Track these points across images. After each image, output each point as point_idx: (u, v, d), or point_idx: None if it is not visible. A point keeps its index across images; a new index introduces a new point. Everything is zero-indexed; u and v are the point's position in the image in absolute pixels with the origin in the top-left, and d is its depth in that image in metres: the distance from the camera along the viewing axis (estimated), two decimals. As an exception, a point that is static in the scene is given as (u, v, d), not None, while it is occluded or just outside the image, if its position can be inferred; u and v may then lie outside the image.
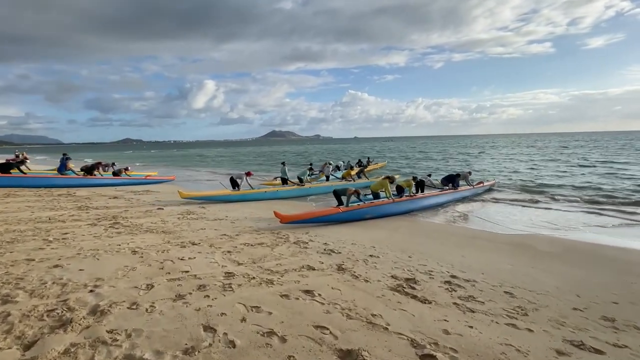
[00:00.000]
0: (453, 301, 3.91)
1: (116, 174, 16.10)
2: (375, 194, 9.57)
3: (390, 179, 9.64)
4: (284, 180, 13.02)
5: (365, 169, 15.70)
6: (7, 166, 13.64)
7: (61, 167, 15.17)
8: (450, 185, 11.30)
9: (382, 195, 9.69)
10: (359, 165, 18.91)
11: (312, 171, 14.40)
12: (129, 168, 16.90)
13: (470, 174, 12.10)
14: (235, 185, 11.68)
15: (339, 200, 9.03)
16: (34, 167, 16.76)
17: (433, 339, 3.04)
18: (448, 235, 7.37)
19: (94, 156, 45.19)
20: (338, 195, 9.10)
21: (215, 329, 2.99)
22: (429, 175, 11.99)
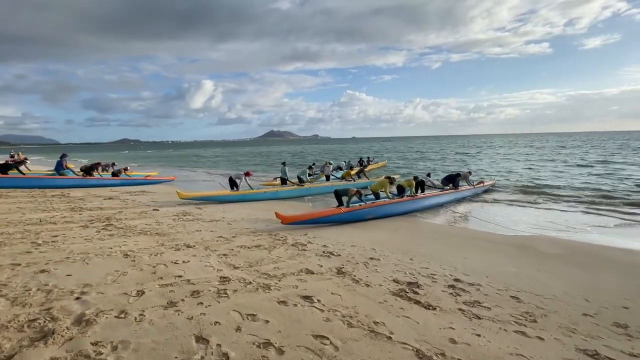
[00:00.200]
0: (458, 307, 3.75)
1: (115, 174, 15.87)
2: (376, 194, 9.42)
3: (390, 179, 9.51)
4: (284, 181, 12.90)
5: (365, 169, 15.53)
6: (6, 167, 13.36)
7: (57, 166, 14.91)
8: (451, 185, 11.21)
9: (382, 195, 9.54)
10: (360, 164, 18.74)
11: (312, 170, 14.27)
12: (128, 168, 16.67)
13: (470, 173, 12.06)
14: (234, 186, 11.51)
15: (339, 201, 8.86)
16: (30, 167, 16.44)
17: (440, 349, 2.87)
18: (449, 236, 7.22)
19: (90, 156, 44.79)
20: (339, 196, 8.93)
21: (208, 339, 2.80)
22: (429, 175, 11.87)
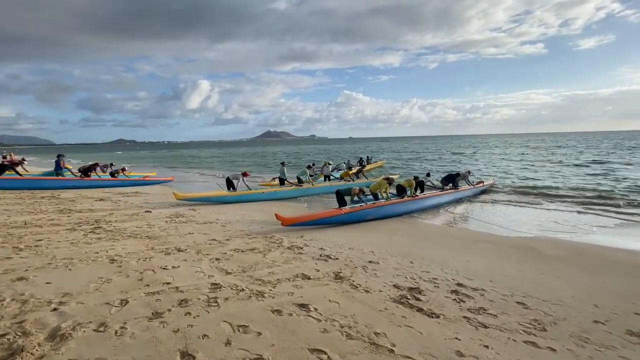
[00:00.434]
0: (463, 314, 3.54)
1: (113, 174, 15.60)
2: (375, 195, 9.25)
3: (388, 180, 9.33)
4: (282, 181, 12.75)
5: (364, 169, 15.37)
6: (2, 168, 12.99)
7: (56, 167, 14.57)
8: (451, 185, 11.06)
9: (381, 196, 9.36)
10: (360, 164, 18.66)
11: (311, 170, 14.13)
12: (126, 168, 16.39)
13: (469, 173, 11.96)
14: (232, 186, 11.27)
15: (340, 201, 8.65)
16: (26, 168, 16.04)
17: (446, 363, 2.66)
18: (449, 238, 7.04)
19: (83, 157, 44.16)
20: (341, 196, 8.72)
21: (194, 355, 2.57)
22: (428, 175, 11.72)
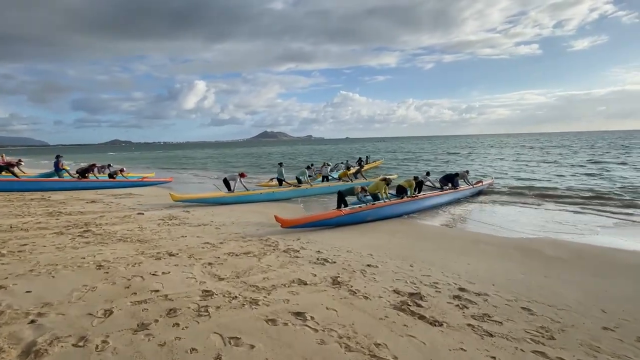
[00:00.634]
0: (467, 322, 3.37)
1: (112, 175, 15.32)
2: (374, 195, 9.11)
3: (386, 180, 9.19)
4: (280, 181, 12.61)
5: (362, 169, 15.25)
6: None
7: (56, 168, 14.26)
8: (450, 185, 10.95)
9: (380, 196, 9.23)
10: (358, 164, 18.58)
11: (310, 170, 14.05)
12: (124, 169, 16.13)
13: (468, 172, 11.89)
14: (229, 187, 11.07)
15: (340, 202, 8.48)
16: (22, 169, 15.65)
17: (452, 377, 2.49)
18: (449, 239, 6.88)
19: (75, 158, 43.53)
20: (342, 197, 8.55)
21: (180, 372, 2.38)
22: (428, 174, 11.60)
